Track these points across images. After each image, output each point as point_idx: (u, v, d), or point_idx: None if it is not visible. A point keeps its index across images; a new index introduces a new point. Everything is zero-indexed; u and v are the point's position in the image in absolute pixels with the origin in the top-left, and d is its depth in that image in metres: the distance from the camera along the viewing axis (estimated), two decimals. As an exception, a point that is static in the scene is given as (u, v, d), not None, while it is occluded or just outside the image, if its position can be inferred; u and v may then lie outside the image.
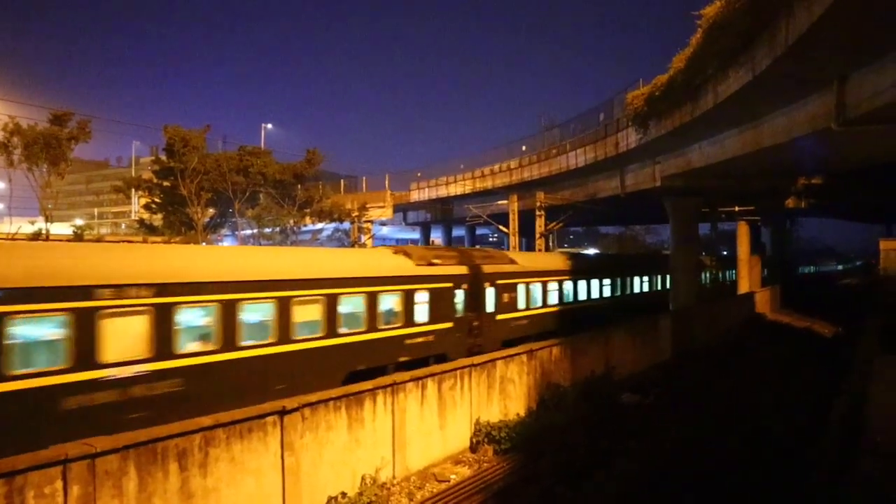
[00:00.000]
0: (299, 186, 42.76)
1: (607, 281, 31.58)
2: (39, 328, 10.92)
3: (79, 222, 57.12)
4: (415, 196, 59.36)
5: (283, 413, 10.47)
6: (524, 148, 51.17)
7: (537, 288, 24.91)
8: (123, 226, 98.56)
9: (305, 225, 47.10)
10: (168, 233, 39.21)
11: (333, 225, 51.44)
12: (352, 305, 16.34)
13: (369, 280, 16.81)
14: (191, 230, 38.23)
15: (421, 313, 18.39)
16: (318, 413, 11.19)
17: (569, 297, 27.47)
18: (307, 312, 15.04)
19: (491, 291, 21.71)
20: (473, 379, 15.16)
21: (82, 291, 11.15)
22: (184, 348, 12.58)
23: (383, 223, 65.83)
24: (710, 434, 16.22)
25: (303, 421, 10.84)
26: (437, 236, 70.34)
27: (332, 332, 15.54)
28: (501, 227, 43.87)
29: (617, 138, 32.08)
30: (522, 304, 23.62)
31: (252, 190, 40.17)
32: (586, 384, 19.18)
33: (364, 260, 19.29)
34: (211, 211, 41.22)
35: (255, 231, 41.86)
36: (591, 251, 77.75)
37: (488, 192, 47.74)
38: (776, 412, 18.12)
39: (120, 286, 11.60)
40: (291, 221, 41.73)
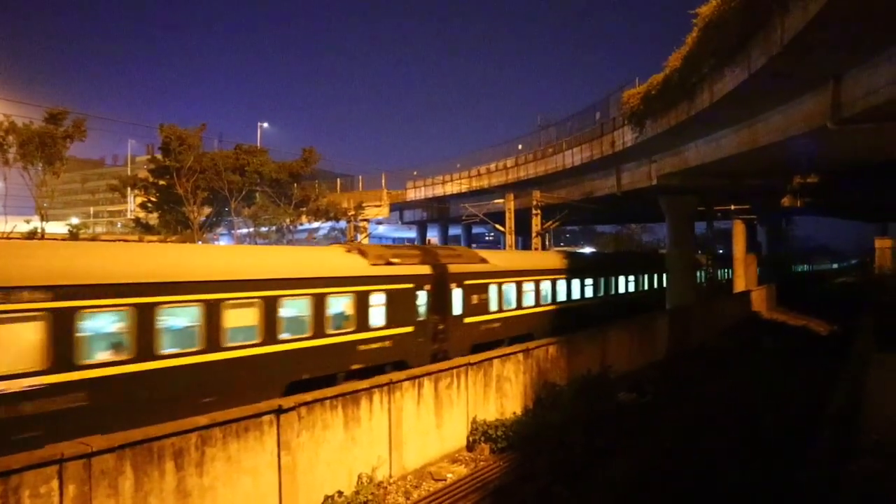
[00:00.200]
0: (296, 185, 42.72)
1: (591, 281, 30.15)
2: None
3: (74, 221, 56.96)
4: (411, 195, 59.34)
5: (280, 412, 10.46)
6: (520, 147, 51.17)
7: (511, 289, 23.53)
8: (119, 225, 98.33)
9: (302, 224, 47.08)
10: (164, 232, 39.15)
11: (330, 224, 51.42)
12: (295, 309, 14.99)
13: (315, 281, 15.45)
14: (187, 229, 38.17)
15: (377, 317, 17.05)
16: (315, 412, 11.18)
17: (547, 299, 26.02)
18: (240, 317, 13.66)
19: (458, 293, 20.41)
20: (470, 378, 15.17)
21: None
22: (88, 359, 11.26)
23: (380, 222, 65.75)
24: (707, 432, 16.26)
25: (299, 420, 10.83)
26: (434, 235, 70.32)
27: (271, 339, 14.14)
28: (498, 226, 43.85)
29: (613, 137, 32.12)
30: (494, 306, 22.27)
31: (248, 189, 40.12)
32: (583, 383, 19.17)
33: (310, 259, 17.45)
34: (207, 210, 41.15)
35: (252, 230, 41.83)
36: (588, 250, 77.81)
37: (485, 191, 47.73)
38: (772, 410, 18.17)
39: (8, 289, 10.35)
40: (288, 220, 41.69)
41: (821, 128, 18.52)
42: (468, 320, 20.77)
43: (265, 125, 77.26)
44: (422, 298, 18.72)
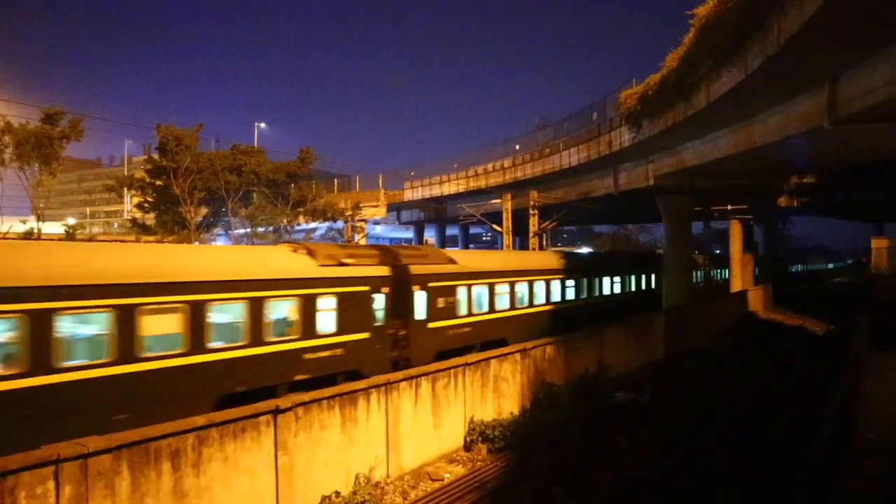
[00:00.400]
0: (293, 185, 42.74)
1: (573, 282, 28.51)
2: None
3: (71, 221, 56.86)
4: (408, 195, 59.32)
5: (277, 412, 10.45)
6: (518, 147, 51.25)
7: (483, 291, 22.14)
8: (116, 225, 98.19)
9: (299, 224, 47.10)
10: (161, 232, 39.13)
11: (327, 224, 51.43)
12: (228, 314, 13.72)
13: (252, 283, 14.08)
14: (184, 229, 38.15)
15: (326, 322, 15.75)
16: (312, 412, 11.17)
17: (523, 302, 24.57)
18: (162, 324, 12.44)
19: (421, 295, 19.06)
20: (467, 378, 15.17)
21: None
22: None
23: (377, 222, 65.78)
24: (705, 432, 16.28)
25: (296, 420, 10.82)
26: (431, 235, 70.36)
27: (198, 348, 12.82)
28: (495, 227, 43.86)
29: (610, 137, 32.13)
30: (463, 310, 20.88)
31: (245, 189, 40.15)
32: (580, 383, 19.19)
33: (247, 259, 15.89)
34: (204, 210, 41.16)
35: (249, 230, 41.81)
36: (585, 250, 77.86)
37: (482, 191, 47.74)
38: (770, 410, 18.21)
39: None
40: (285, 220, 41.70)
41: (817, 128, 18.54)
42: (433, 325, 19.40)
43: (262, 125, 77.35)
44: (379, 302, 17.42)
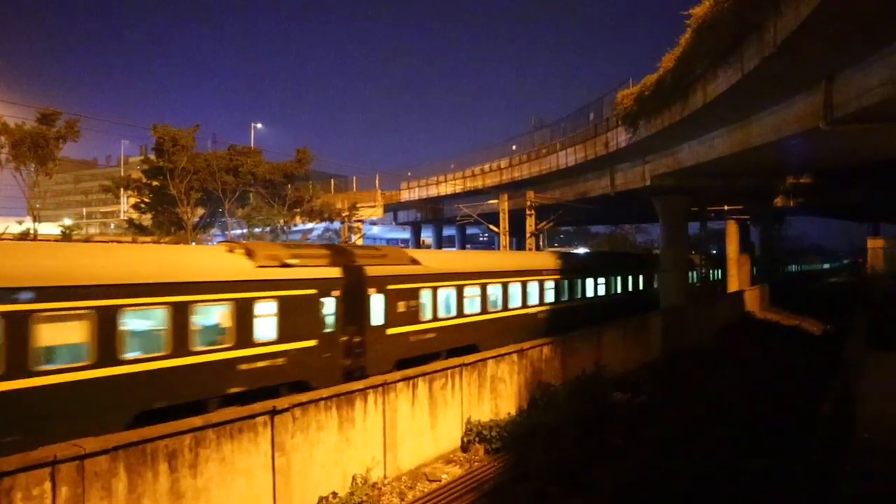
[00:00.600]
0: (289, 186, 42.71)
1: (552, 284, 26.78)
2: None
3: (67, 222, 56.75)
4: (405, 196, 59.32)
5: (274, 413, 10.45)
6: (514, 147, 51.28)
7: (451, 294, 20.65)
8: (112, 226, 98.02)
9: (296, 225, 47.07)
10: (157, 233, 39.07)
11: (324, 224, 51.43)
12: (146, 321, 12.51)
13: (177, 287, 12.78)
14: (180, 230, 38.10)
15: (265, 329, 14.38)
16: (309, 413, 11.17)
17: (497, 305, 23.02)
18: (63, 333, 11.24)
19: (378, 299, 17.67)
20: (464, 378, 15.17)
21: None
22: None
23: (374, 223, 65.80)
24: (702, 432, 16.32)
25: (293, 421, 10.82)
26: (428, 236, 70.38)
27: (108, 359, 11.55)
28: (492, 227, 43.87)
29: (607, 138, 32.17)
30: (427, 315, 19.42)
31: (242, 189, 40.09)
32: (577, 383, 19.20)
33: (172, 260, 14.23)
34: (201, 211, 41.10)
35: (246, 231, 41.77)
36: (581, 250, 77.96)
37: (479, 192, 47.76)
38: (766, 409, 18.26)
39: None
40: (281, 221, 41.68)
41: (813, 128, 18.59)
42: (392, 331, 18.00)
43: (259, 126, 77.25)
44: (329, 306, 16.01)
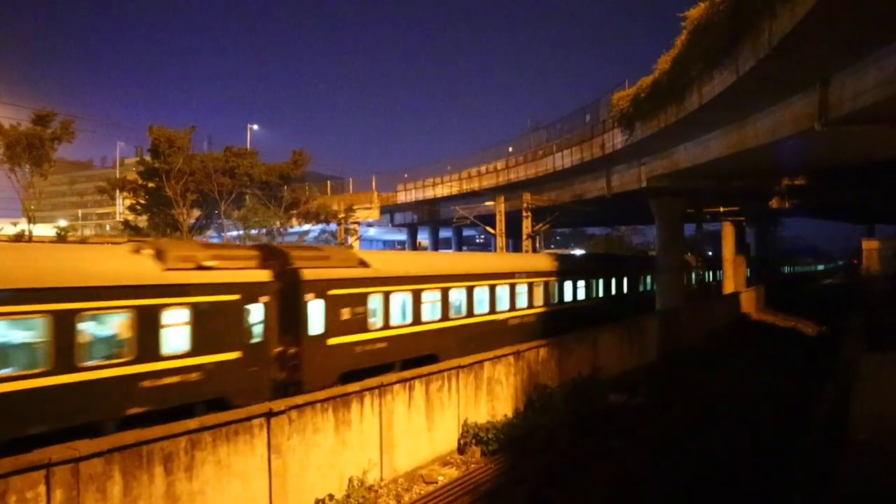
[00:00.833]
0: (286, 187, 42.63)
1: (525, 288, 24.64)
2: None
3: (62, 223, 56.57)
4: (402, 197, 59.32)
5: (270, 415, 10.43)
6: (511, 149, 51.31)
7: (406, 300, 18.87)
8: (108, 227, 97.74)
9: (292, 226, 46.98)
10: (153, 234, 38.95)
11: (320, 226, 51.36)
12: (19, 332, 11.05)
13: (60, 293, 11.24)
14: (176, 231, 37.99)
15: (175, 340, 12.71)
16: (306, 415, 11.15)
17: (460, 311, 21.07)
18: None
19: (317, 305, 15.88)
20: (461, 380, 15.16)
21: None
22: None
23: (370, 224, 65.77)
24: (698, 433, 16.33)
25: (290, 423, 10.80)
26: (425, 237, 70.40)
27: None
28: (488, 229, 43.89)
29: (603, 139, 32.22)
30: (378, 322, 17.70)
31: (238, 191, 39.99)
32: (573, 385, 19.21)
33: (57, 263, 12.15)
34: (196, 212, 40.98)
35: (242, 233, 41.68)
36: (578, 252, 78.04)
37: (475, 194, 47.78)
38: (764, 410, 18.29)
39: None
40: (278, 223, 41.58)
41: (809, 130, 18.64)
42: (334, 341, 16.24)
43: (255, 127, 76.76)
44: (256, 314, 14.37)
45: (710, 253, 67.48)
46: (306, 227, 49.97)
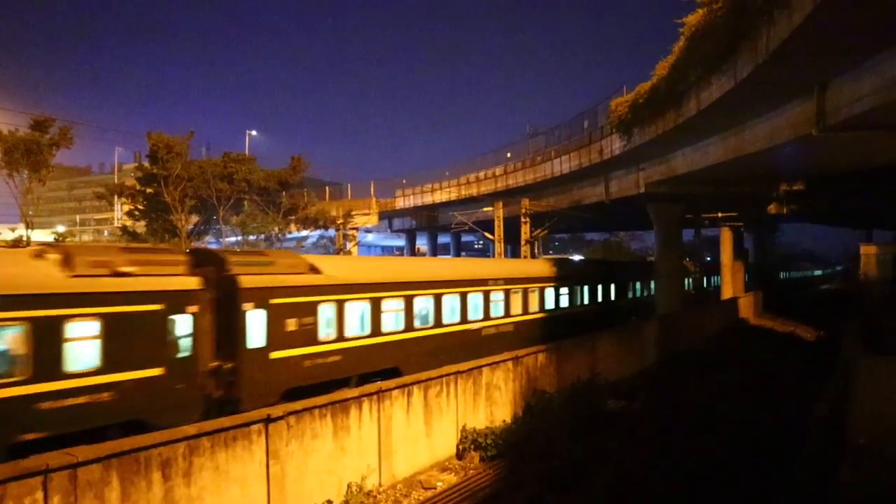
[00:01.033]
0: (284, 193, 42.66)
1: (500, 295, 23.32)
2: None
3: (60, 229, 56.51)
4: (400, 203, 59.36)
5: (269, 421, 10.40)
6: (509, 155, 51.39)
7: (364, 309, 17.49)
8: (106, 233, 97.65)
9: (290, 232, 46.97)
10: (151, 240, 38.92)
11: (319, 232, 51.37)
12: None
13: None
14: (174, 237, 37.97)
15: (83, 356, 11.42)
16: (304, 421, 11.12)
17: (427, 320, 19.84)
18: None
19: (257, 316, 14.50)
20: (460, 386, 15.14)
21: None
22: None
23: (368, 230, 65.79)
24: (696, 439, 16.30)
25: (288, 429, 10.77)
26: (423, 243, 70.39)
27: None
28: (487, 234, 43.94)
29: (601, 145, 32.29)
30: (330, 334, 16.32)
31: (236, 197, 40.02)
32: (572, 390, 19.19)
33: None
34: (195, 218, 41.00)
35: (240, 238, 41.68)
36: (576, 258, 78.05)
37: (474, 199, 47.84)
38: (762, 416, 18.27)
39: None
40: (276, 229, 41.58)
41: (806, 135, 18.72)
42: (277, 355, 14.86)
43: (253, 133, 77.02)
44: (184, 326, 13.08)
45: (709, 258, 67.63)
46: (305, 233, 49.99)
